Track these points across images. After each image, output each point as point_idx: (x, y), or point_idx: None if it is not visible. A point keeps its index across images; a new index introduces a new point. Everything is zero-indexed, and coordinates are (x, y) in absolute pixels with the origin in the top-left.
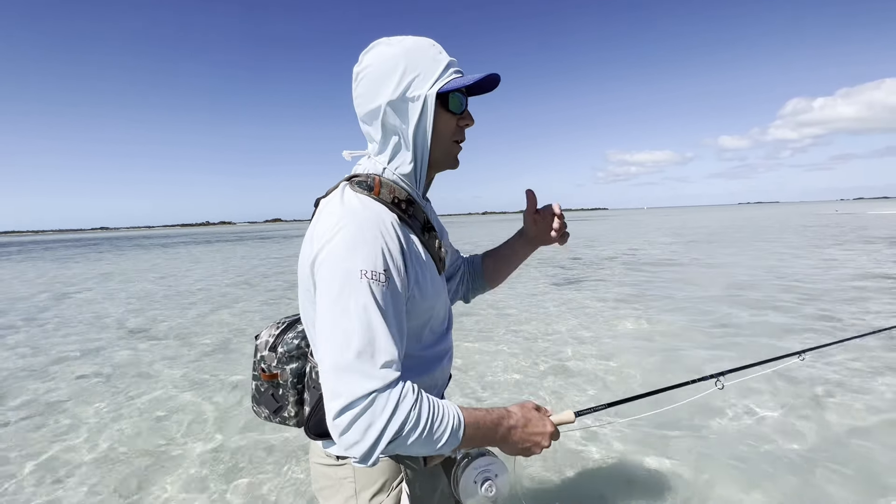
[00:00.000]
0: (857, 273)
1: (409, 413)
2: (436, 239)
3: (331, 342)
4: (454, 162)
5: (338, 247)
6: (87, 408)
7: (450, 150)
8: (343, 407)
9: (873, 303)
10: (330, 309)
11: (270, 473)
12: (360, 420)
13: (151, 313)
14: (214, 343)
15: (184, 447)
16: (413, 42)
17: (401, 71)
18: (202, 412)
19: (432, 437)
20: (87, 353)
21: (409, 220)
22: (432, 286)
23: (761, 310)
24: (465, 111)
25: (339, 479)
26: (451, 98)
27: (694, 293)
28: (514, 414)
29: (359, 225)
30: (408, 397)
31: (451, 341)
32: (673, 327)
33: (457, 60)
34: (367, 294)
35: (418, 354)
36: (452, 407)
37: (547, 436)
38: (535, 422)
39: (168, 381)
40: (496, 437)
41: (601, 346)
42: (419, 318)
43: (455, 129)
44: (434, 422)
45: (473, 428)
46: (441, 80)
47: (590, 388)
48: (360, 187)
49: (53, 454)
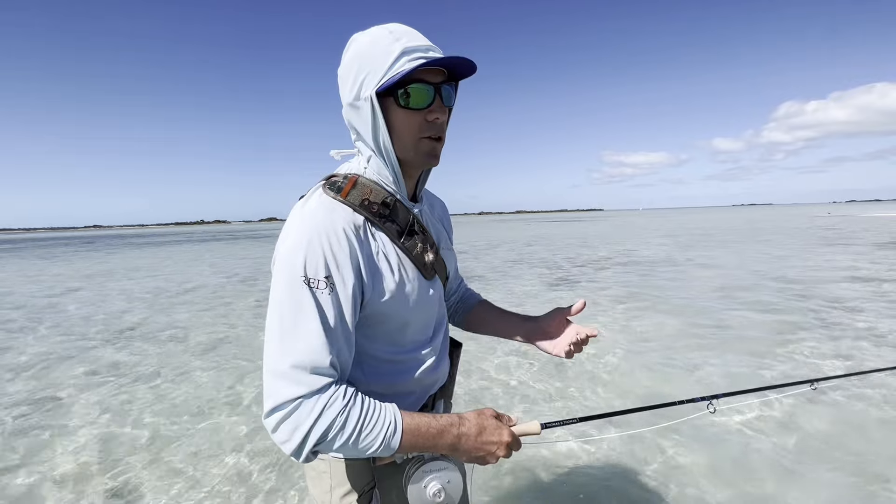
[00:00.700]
0: (847, 275)
1: (334, 419)
2: (419, 242)
3: (269, 344)
4: (427, 159)
5: (284, 253)
6: (77, 408)
7: (418, 149)
8: (271, 409)
9: (865, 304)
10: (271, 312)
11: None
12: (287, 423)
13: (140, 314)
14: (207, 341)
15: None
16: (371, 36)
17: (355, 71)
18: (199, 402)
19: (360, 442)
20: (64, 357)
21: (381, 223)
22: (402, 291)
23: (755, 311)
24: (433, 104)
25: (319, 472)
26: (412, 92)
27: (688, 294)
28: (467, 421)
29: (307, 231)
30: (335, 403)
31: (441, 347)
32: (666, 329)
33: (426, 45)
34: (306, 300)
35: (393, 358)
36: (391, 413)
37: (503, 445)
38: (490, 430)
39: (160, 378)
40: (442, 445)
41: (592, 349)
42: (387, 322)
43: (420, 124)
44: (364, 428)
45: (412, 435)
46: (389, 73)
47: (573, 392)
48: (330, 189)
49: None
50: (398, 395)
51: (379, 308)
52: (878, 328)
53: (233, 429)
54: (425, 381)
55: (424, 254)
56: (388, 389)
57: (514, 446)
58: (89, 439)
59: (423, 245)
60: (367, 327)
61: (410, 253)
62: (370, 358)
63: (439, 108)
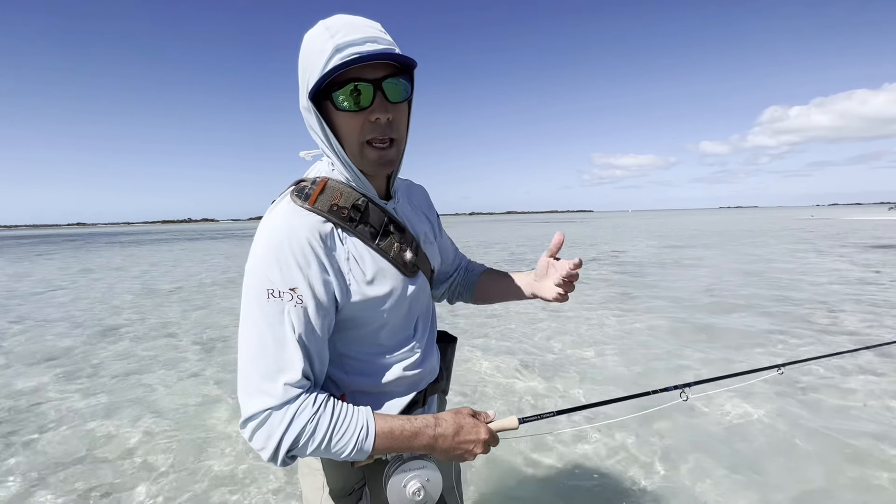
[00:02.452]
0: (832, 277)
1: (304, 427)
2: (396, 242)
3: (241, 355)
4: (376, 168)
5: (250, 266)
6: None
7: (363, 153)
8: (245, 419)
9: (847, 306)
10: (242, 326)
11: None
12: (260, 431)
13: (125, 314)
14: (194, 340)
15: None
16: (310, 35)
17: (300, 75)
18: (186, 403)
19: (332, 447)
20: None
21: (352, 228)
22: (380, 293)
23: (737, 311)
24: (373, 104)
25: (313, 469)
26: (347, 93)
27: (674, 294)
28: (444, 421)
29: (271, 243)
30: (304, 412)
31: (426, 342)
32: (652, 327)
33: (363, 38)
34: (273, 314)
35: (374, 359)
36: (364, 417)
37: (480, 443)
38: (467, 429)
39: (152, 378)
40: (418, 446)
41: (579, 346)
42: (365, 325)
43: (363, 126)
44: (335, 434)
45: (386, 438)
46: (321, 75)
47: (558, 386)
48: (297, 196)
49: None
50: (384, 392)
51: (353, 313)
52: (845, 322)
53: (223, 427)
54: (411, 378)
55: (403, 253)
56: (373, 388)
57: (492, 442)
58: (71, 436)
59: (401, 244)
60: (344, 331)
61: (387, 254)
62: (351, 359)
63: (380, 106)
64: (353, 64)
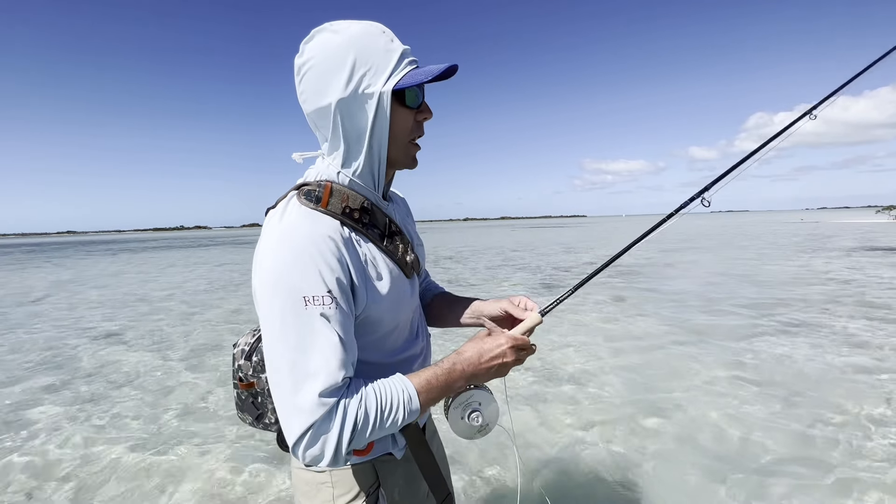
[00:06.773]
0: (826, 278)
1: (355, 418)
2: (399, 244)
3: (273, 374)
4: (412, 162)
5: (273, 275)
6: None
7: (408, 151)
8: (294, 442)
9: (840, 306)
10: (273, 341)
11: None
12: (314, 447)
13: (121, 322)
14: (189, 348)
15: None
16: (361, 29)
17: (350, 65)
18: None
19: (387, 422)
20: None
21: (364, 230)
22: (394, 295)
23: (731, 310)
24: (423, 104)
25: (318, 483)
26: (407, 92)
27: (670, 296)
28: (464, 352)
29: (295, 246)
30: (351, 406)
31: (424, 344)
32: (648, 329)
33: (410, 49)
34: (313, 321)
35: (383, 362)
36: (400, 383)
37: (507, 352)
38: (488, 347)
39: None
40: (458, 382)
41: (575, 346)
42: (379, 329)
43: (413, 125)
44: (384, 410)
45: (427, 391)
46: (396, 73)
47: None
48: (307, 199)
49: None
50: None
51: (373, 315)
52: (847, 328)
53: (214, 433)
54: None
55: (405, 254)
56: None
57: (520, 345)
58: (58, 451)
59: (403, 246)
60: (358, 337)
61: (394, 256)
62: (362, 364)
63: (426, 108)
64: (444, 77)
